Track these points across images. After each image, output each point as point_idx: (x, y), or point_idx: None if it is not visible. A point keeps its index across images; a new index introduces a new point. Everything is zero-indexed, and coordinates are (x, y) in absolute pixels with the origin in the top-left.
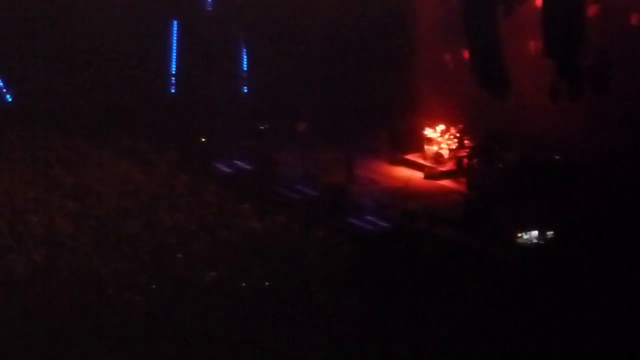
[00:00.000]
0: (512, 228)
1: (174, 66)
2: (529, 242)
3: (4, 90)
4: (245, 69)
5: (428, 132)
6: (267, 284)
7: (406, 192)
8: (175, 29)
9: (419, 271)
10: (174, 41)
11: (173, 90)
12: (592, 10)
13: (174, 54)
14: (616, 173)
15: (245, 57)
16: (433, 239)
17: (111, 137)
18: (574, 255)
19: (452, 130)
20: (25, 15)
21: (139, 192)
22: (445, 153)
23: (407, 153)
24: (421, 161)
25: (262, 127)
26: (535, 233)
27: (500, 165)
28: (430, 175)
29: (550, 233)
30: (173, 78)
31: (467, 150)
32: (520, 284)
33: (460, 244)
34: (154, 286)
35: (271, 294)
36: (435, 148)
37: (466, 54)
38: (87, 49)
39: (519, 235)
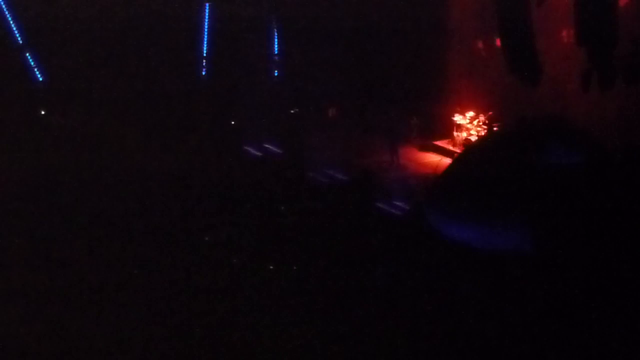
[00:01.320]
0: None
1: (205, 49)
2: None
3: (37, 70)
4: (276, 52)
5: (457, 118)
6: (294, 268)
7: (434, 178)
8: (206, 11)
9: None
10: (205, 24)
11: (204, 73)
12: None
13: (205, 37)
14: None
15: (276, 40)
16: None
17: (142, 121)
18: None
19: (481, 117)
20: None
21: (171, 175)
22: (474, 139)
23: (437, 139)
24: (450, 147)
25: (293, 111)
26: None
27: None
28: None
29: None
30: (204, 61)
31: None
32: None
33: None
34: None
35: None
36: (464, 134)
37: (498, 41)
38: (120, 32)
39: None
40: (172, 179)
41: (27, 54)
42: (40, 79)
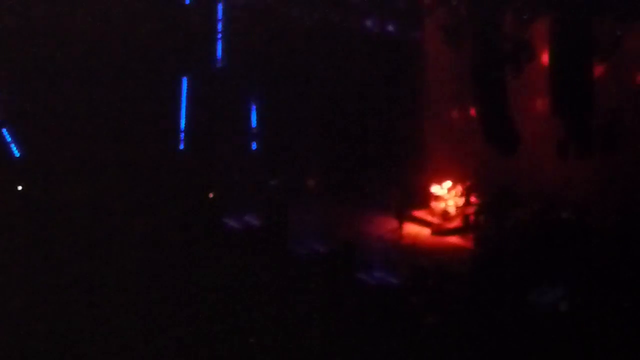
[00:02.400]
0: (520, 286)
1: (183, 121)
2: (542, 301)
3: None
4: (254, 124)
5: (435, 188)
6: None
7: (414, 248)
8: (184, 84)
9: (428, 328)
10: (183, 96)
11: (182, 146)
12: (600, 69)
13: (183, 110)
14: (626, 232)
15: (254, 112)
16: (442, 296)
17: (117, 191)
18: (585, 314)
19: (459, 187)
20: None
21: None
22: (452, 210)
23: (414, 209)
24: (428, 217)
25: (271, 183)
26: (548, 291)
27: (508, 223)
28: (438, 231)
29: (560, 292)
30: (182, 133)
31: (474, 207)
32: (532, 345)
33: (468, 302)
34: None
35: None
36: (442, 205)
37: (473, 111)
38: (95, 104)
39: (528, 294)
40: (148, 249)
41: (4, 130)
42: (18, 155)
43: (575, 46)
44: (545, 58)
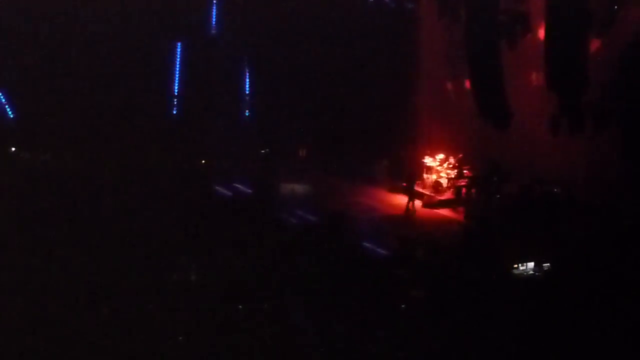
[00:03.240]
0: (508, 258)
1: (176, 88)
2: (525, 273)
3: (7, 108)
4: (247, 92)
5: (427, 160)
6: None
7: (404, 220)
8: (178, 51)
9: (416, 299)
10: (177, 63)
11: (175, 112)
12: (594, 44)
13: (177, 77)
14: (614, 206)
15: (247, 80)
16: (430, 267)
17: (112, 160)
18: (570, 287)
19: (451, 159)
20: (32, 42)
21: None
22: (444, 182)
23: (406, 181)
24: (420, 189)
25: (263, 151)
26: (531, 264)
27: (498, 196)
28: (429, 203)
29: (546, 265)
30: (175, 100)
31: (466, 180)
32: (517, 315)
33: (457, 273)
34: None
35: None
36: (434, 177)
37: (468, 84)
38: (90, 72)
39: (515, 266)
40: (141, 217)
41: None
42: (11, 116)
43: (571, 20)
44: (541, 32)
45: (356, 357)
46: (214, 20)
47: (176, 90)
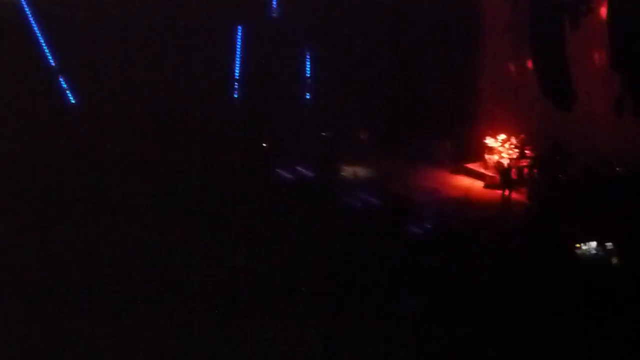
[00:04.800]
0: (572, 240)
1: (237, 71)
2: (589, 253)
3: (68, 91)
4: (308, 74)
5: (489, 141)
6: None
7: (466, 201)
8: (239, 33)
9: (481, 281)
10: (238, 45)
11: (236, 95)
12: None
13: (238, 59)
14: None
15: (308, 62)
16: (494, 249)
17: (172, 141)
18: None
19: (513, 139)
20: (92, 18)
21: (202, 194)
22: (505, 162)
23: (468, 162)
24: (482, 170)
25: (325, 134)
26: (594, 244)
27: (561, 177)
28: (491, 184)
29: (609, 244)
30: (236, 83)
31: (528, 160)
32: (582, 296)
33: (519, 254)
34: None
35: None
36: (496, 157)
37: (531, 64)
38: (152, 54)
39: (578, 245)
40: (201, 200)
41: (60, 77)
42: (73, 101)
43: None
44: (604, 10)
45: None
46: (274, 1)
47: (237, 74)
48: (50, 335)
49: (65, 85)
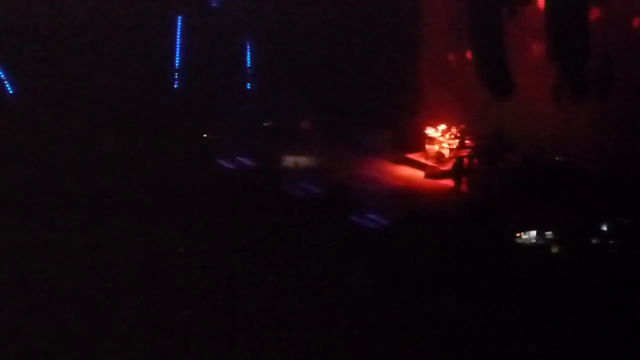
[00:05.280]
0: (511, 228)
1: (178, 61)
2: (528, 242)
3: (6, 83)
4: (249, 65)
5: (429, 131)
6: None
7: (407, 190)
8: (179, 23)
9: (419, 268)
10: (178, 36)
11: (176, 86)
12: (595, 13)
13: (178, 50)
14: (617, 175)
15: (249, 54)
16: (433, 238)
17: (110, 131)
18: (574, 255)
19: (454, 129)
20: (29, 13)
21: (143, 187)
22: (446, 153)
23: (409, 152)
24: (422, 160)
25: (266, 124)
26: (533, 233)
27: (501, 166)
28: (431, 174)
29: (549, 233)
30: (176, 73)
31: (468, 150)
32: (521, 283)
33: (460, 242)
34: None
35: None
36: (436, 147)
37: (469, 54)
38: (91, 46)
39: (518, 235)
40: (143, 189)
41: None
42: (11, 91)
43: None
44: (541, 1)
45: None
46: None
47: (177, 65)
48: None
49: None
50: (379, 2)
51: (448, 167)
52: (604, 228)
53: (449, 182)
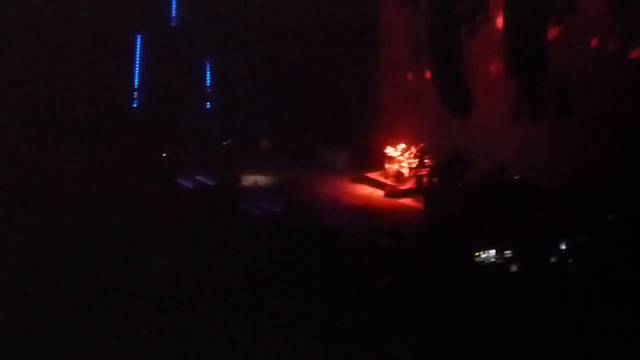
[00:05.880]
0: (470, 247)
1: (137, 80)
2: (487, 261)
3: None
4: (208, 84)
5: (389, 150)
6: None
7: (366, 210)
8: (138, 42)
9: (380, 288)
10: (137, 54)
11: (135, 104)
12: (553, 32)
13: (137, 68)
14: (575, 193)
15: (208, 72)
16: (392, 258)
17: (71, 152)
18: (533, 273)
19: (413, 149)
20: None
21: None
22: (405, 171)
23: (369, 171)
24: (382, 179)
25: (225, 143)
26: (493, 252)
27: (460, 184)
28: (391, 193)
29: (508, 252)
30: (135, 92)
31: (428, 169)
32: (480, 301)
33: (419, 263)
34: None
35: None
36: (395, 166)
37: (428, 73)
38: (49, 63)
39: (477, 254)
40: (103, 208)
41: None
42: None
43: (530, 8)
44: (500, 20)
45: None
46: (173, 10)
47: (136, 84)
48: None
49: None
50: (338, 22)
51: (408, 186)
52: (562, 246)
53: (408, 201)
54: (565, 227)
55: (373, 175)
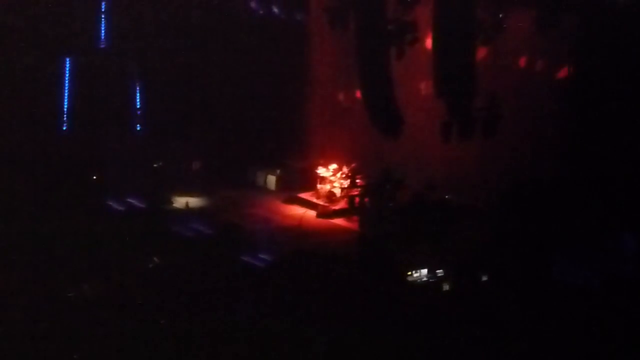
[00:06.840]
0: (402, 266)
1: (66, 103)
2: (419, 280)
3: None
4: (138, 107)
5: (321, 170)
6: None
7: (299, 230)
8: (66, 65)
9: (311, 309)
10: (66, 78)
11: (65, 127)
12: (482, 52)
13: (65, 91)
14: (504, 213)
15: (138, 95)
16: (325, 278)
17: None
18: (465, 292)
19: (345, 169)
20: None
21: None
22: (337, 192)
23: (301, 191)
24: (314, 200)
25: (156, 165)
26: (425, 271)
27: (391, 204)
28: (323, 213)
29: (439, 271)
30: (65, 115)
31: (359, 189)
32: (413, 322)
33: (352, 282)
34: None
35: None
36: (327, 187)
37: (358, 94)
38: None
39: (410, 273)
40: (29, 233)
41: None
42: None
43: (458, 28)
44: (429, 40)
45: None
46: (102, 32)
47: (65, 106)
48: None
49: None
50: (266, 43)
51: (340, 206)
52: (492, 265)
53: (340, 222)
54: (493, 245)
55: (305, 195)
